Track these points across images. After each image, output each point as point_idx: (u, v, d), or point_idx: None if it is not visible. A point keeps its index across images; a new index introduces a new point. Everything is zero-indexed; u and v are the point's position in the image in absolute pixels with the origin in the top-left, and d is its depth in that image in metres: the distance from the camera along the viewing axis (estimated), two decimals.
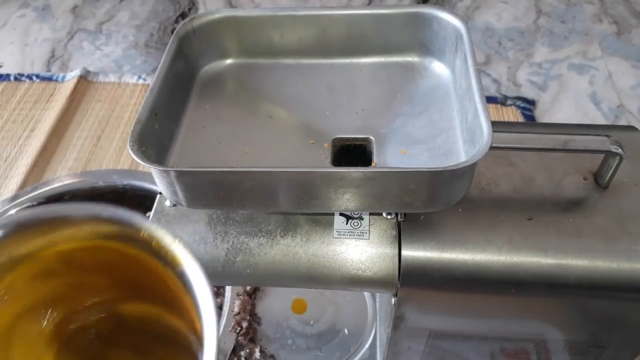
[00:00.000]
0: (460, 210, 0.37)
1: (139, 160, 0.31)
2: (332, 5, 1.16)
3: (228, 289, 0.63)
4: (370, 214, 0.38)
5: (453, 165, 0.30)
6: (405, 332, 0.42)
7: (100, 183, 0.73)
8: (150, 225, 0.28)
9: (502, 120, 0.87)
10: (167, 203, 0.39)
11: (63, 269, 0.32)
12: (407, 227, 0.36)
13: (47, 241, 0.30)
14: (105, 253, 0.31)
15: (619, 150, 0.35)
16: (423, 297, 0.38)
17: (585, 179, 0.39)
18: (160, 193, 0.39)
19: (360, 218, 0.38)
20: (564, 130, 0.42)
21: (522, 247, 0.35)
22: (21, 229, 0.29)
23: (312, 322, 0.62)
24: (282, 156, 0.37)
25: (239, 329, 0.61)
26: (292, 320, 0.63)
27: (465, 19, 0.38)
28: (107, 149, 0.86)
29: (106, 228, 0.30)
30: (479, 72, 0.35)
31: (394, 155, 0.36)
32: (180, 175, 0.32)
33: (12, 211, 0.30)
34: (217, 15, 0.42)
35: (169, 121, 0.38)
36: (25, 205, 0.71)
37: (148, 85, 0.94)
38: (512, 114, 0.88)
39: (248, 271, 0.37)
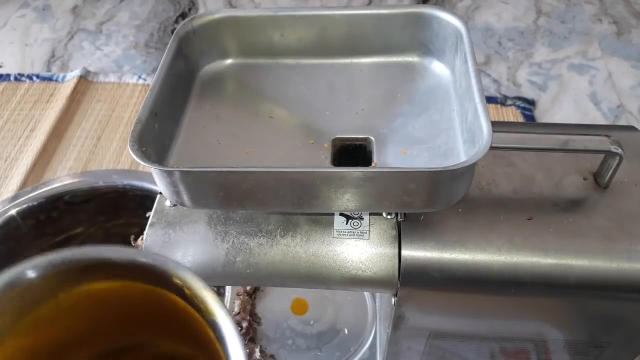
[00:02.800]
0: (460, 210, 0.37)
1: (139, 160, 0.31)
2: (332, 5, 1.16)
3: (228, 289, 0.63)
4: (370, 214, 0.38)
5: (453, 165, 0.30)
6: (405, 332, 0.42)
7: (100, 183, 0.73)
8: (184, 273, 0.29)
9: (502, 120, 0.87)
10: (167, 203, 0.39)
11: (92, 307, 0.33)
12: (407, 227, 0.36)
13: (78, 281, 0.31)
14: (138, 293, 0.32)
15: (619, 150, 0.35)
16: (423, 297, 0.38)
17: (585, 179, 0.39)
18: (160, 193, 0.39)
19: (360, 218, 0.38)
20: (564, 130, 0.42)
21: (522, 247, 0.35)
22: (54, 269, 0.30)
23: (312, 322, 0.62)
24: (282, 156, 0.37)
25: (239, 328, 0.61)
26: (292, 320, 0.63)
27: (465, 19, 0.38)
28: (107, 149, 0.86)
29: (142, 271, 0.30)
30: (479, 72, 0.35)
31: (394, 155, 0.36)
32: (181, 175, 0.32)
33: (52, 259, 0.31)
34: (217, 16, 0.42)
35: (169, 121, 0.38)
36: (25, 205, 0.71)
37: (148, 85, 0.94)
38: (512, 114, 0.88)
39: (248, 271, 0.37)
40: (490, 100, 0.90)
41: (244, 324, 0.61)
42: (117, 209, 0.74)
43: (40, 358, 0.33)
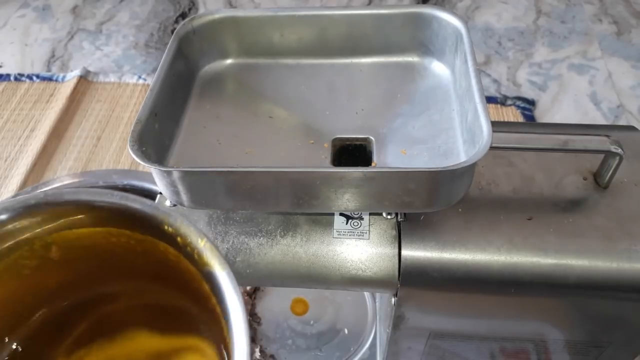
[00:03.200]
0: (460, 210, 0.37)
1: (139, 160, 0.31)
2: (332, 5, 1.16)
3: None
4: (370, 214, 0.38)
5: (453, 165, 0.30)
6: (405, 332, 0.42)
7: (100, 183, 0.73)
8: (175, 221, 0.27)
9: (502, 120, 0.87)
10: (167, 203, 0.39)
11: (72, 254, 0.32)
12: (407, 227, 0.37)
13: (57, 225, 0.30)
14: (124, 241, 0.31)
15: (619, 150, 0.35)
16: (423, 297, 0.38)
17: (585, 179, 0.39)
18: (160, 193, 0.39)
19: (360, 218, 0.38)
20: (564, 130, 0.42)
21: (522, 247, 0.35)
22: (28, 212, 0.28)
23: (312, 322, 0.62)
24: (282, 156, 0.37)
25: None
26: (292, 320, 0.63)
27: (465, 19, 0.38)
28: (107, 149, 0.86)
29: (127, 217, 0.29)
30: (479, 72, 0.35)
31: (394, 155, 0.36)
32: (180, 175, 0.32)
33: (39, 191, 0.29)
34: (217, 16, 0.42)
35: (169, 121, 0.38)
36: None
37: (148, 85, 0.94)
38: (512, 114, 0.89)
39: (248, 271, 0.37)
40: (490, 100, 0.90)
41: None
42: None
43: (13, 307, 0.31)
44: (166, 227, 0.28)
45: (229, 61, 0.44)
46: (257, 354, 0.60)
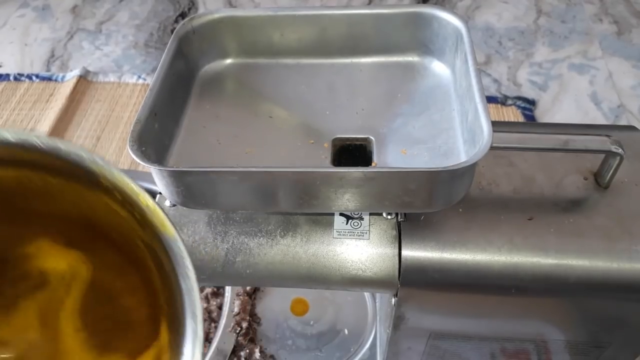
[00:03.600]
0: (460, 210, 0.37)
1: (138, 160, 0.31)
2: (332, 5, 1.16)
3: (228, 289, 0.63)
4: (370, 214, 0.38)
5: (453, 165, 0.30)
6: (405, 333, 0.41)
7: None
8: (113, 172, 0.25)
9: (502, 120, 0.87)
10: (167, 203, 0.39)
11: None
12: (407, 227, 0.36)
13: None
14: (41, 184, 0.28)
15: (620, 150, 0.35)
16: (423, 297, 0.38)
17: (585, 179, 0.39)
18: (160, 193, 0.39)
19: (360, 218, 0.38)
20: (565, 130, 0.42)
21: (523, 247, 0.35)
22: None
23: (312, 322, 0.62)
24: (282, 156, 0.37)
25: (239, 329, 0.61)
26: (292, 321, 0.63)
27: (466, 19, 0.38)
28: (106, 149, 0.86)
29: (60, 162, 0.26)
30: (479, 72, 0.34)
31: (394, 155, 0.36)
32: (180, 175, 0.32)
33: None
34: (216, 15, 0.41)
35: (168, 121, 0.38)
36: None
37: (148, 85, 0.94)
38: (512, 114, 0.89)
39: (248, 271, 0.37)
40: (490, 100, 0.90)
41: (244, 325, 0.61)
42: None
43: None
44: (102, 181, 0.25)
45: (228, 61, 0.44)
46: (257, 354, 0.60)
